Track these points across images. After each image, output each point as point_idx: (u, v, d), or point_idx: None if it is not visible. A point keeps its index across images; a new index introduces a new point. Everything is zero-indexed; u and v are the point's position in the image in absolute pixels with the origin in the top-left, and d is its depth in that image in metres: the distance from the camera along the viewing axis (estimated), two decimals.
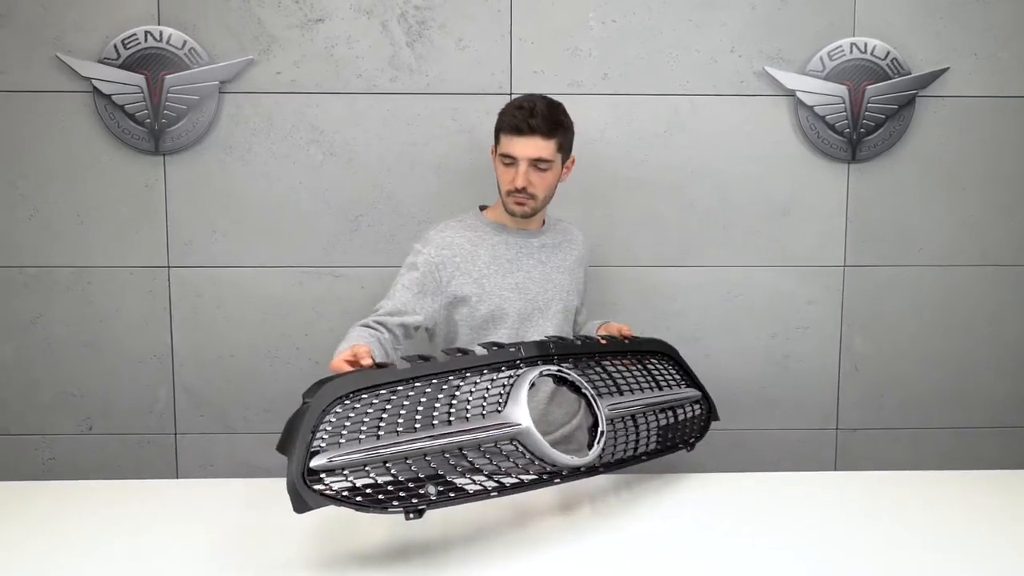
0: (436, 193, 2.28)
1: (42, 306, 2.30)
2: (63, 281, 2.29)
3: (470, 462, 1.31)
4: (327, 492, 1.21)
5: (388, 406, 1.30)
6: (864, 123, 2.26)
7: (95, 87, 2.20)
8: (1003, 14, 2.27)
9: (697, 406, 1.77)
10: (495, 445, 1.34)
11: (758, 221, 2.33)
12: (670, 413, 1.69)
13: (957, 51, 2.28)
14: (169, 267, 2.29)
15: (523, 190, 1.74)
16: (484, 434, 1.32)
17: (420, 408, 1.32)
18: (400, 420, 1.29)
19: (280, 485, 1.26)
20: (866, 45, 2.24)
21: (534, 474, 1.37)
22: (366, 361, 1.41)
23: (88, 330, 2.31)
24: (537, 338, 1.71)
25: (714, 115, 2.29)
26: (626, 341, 1.74)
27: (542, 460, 1.36)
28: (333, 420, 1.26)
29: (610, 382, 1.62)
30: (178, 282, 2.30)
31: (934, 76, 2.26)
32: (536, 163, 1.74)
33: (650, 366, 1.73)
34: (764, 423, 2.40)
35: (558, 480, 1.39)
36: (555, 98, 2.24)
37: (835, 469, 2.41)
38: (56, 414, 2.34)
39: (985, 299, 2.37)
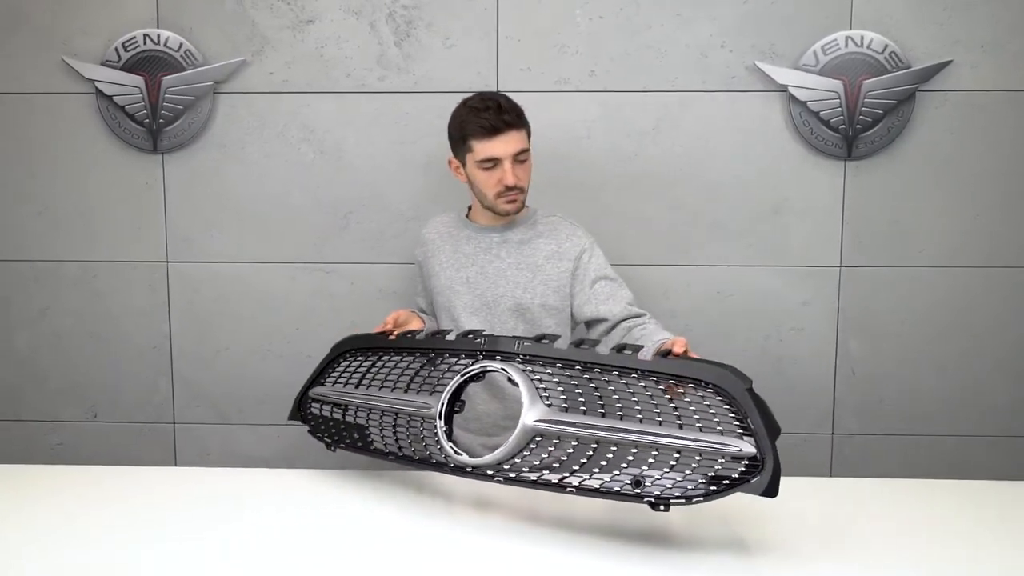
0: (424, 191, 2.30)
1: (51, 299, 2.40)
2: (70, 275, 2.39)
3: (392, 425, 1.60)
4: (304, 414, 1.78)
5: (371, 364, 1.71)
6: (860, 119, 2.19)
7: (98, 88, 2.29)
8: (1013, 3, 2.16)
9: (734, 464, 1.27)
10: (420, 420, 1.55)
11: (750, 219, 2.28)
12: (656, 456, 1.30)
13: (962, 43, 2.18)
14: (168, 262, 2.37)
15: (515, 187, 1.75)
16: (405, 407, 1.58)
17: (392, 373, 1.66)
18: (374, 377, 1.68)
19: (272, 475, 1.73)
20: (862, 38, 2.16)
21: (432, 456, 1.50)
22: (389, 327, 1.74)
23: (94, 322, 2.41)
24: (491, 333, 1.73)
25: (704, 111, 2.24)
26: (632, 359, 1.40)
27: (442, 447, 1.47)
28: (336, 365, 1.76)
29: (583, 399, 1.38)
30: (176, 277, 2.38)
31: (936, 69, 2.17)
32: (518, 156, 1.74)
33: (673, 397, 1.35)
34: None
35: (447, 470, 1.47)
36: (538, 95, 2.26)
37: (830, 475, 2.34)
38: (64, 402, 2.45)
39: (991, 302, 2.27)
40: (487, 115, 1.71)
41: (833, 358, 2.32)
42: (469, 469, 1.41)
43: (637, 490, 1.29)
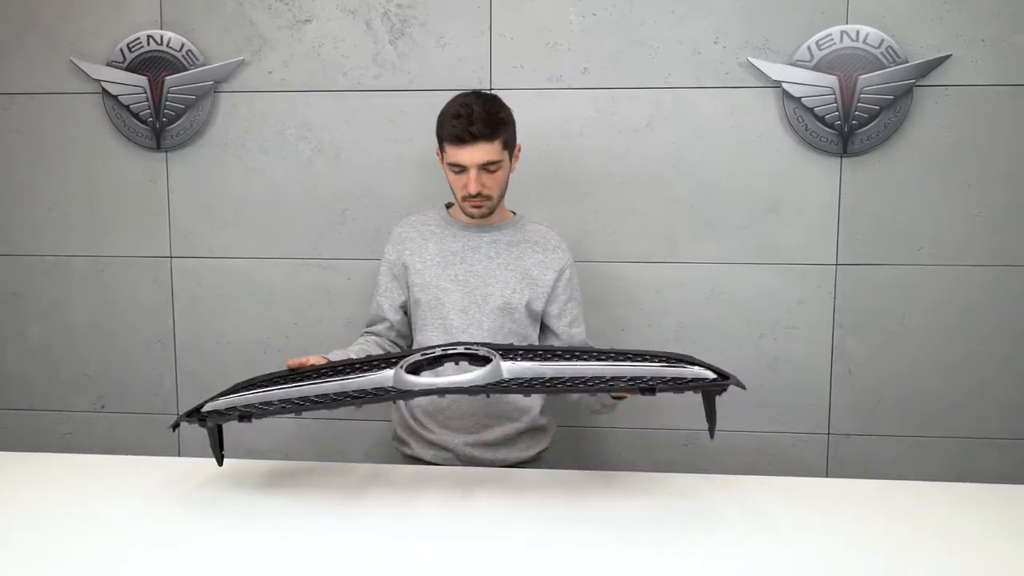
0: (418, 187, 2.33)
1: (61, 292, 2.48)
2: (79, 269, 2.47)
3: (333, 400, 1.41)
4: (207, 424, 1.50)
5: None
6: (856, 115, 2.16)
7: (104, 88, 2.35)
8: None
9: (702, 381, 1.40)
10: (369, 393, 1.41)
11: (744, 217, 2.26)
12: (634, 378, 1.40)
13: (962, 37, 2.14)
14: (172, 257, 2.43)
15: (478, 194, 1.77)
16: (355, 380, 1.42)
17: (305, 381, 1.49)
18: (283, 387, 1.48)
19: (270, 466, 1.61)
20: (858, 33, 2.13)
21: (392, 389, 1.40)
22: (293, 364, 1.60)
23: (102, 316, 2.48)
24: (472, 331, 1.78)
25: (697, 108, 2.23)
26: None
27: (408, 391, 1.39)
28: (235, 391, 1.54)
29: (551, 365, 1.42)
30: (180, 272, 2.44)
31: (934, 64, 2.13)
32: (485, 166, 1.75)
33: (641, 355, 1.47)
34: (752, 426, 2.33)
35: (414, 395, 1.39)
36: (531, 93, 2.27)
37: (826, 476, 2.32)
38: (73, 393, 2.52)
39: (993, 301, 2.22)
40: (457, 123, 1.72)
41: (829, 357, 2.29)
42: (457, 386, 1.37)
43: (624, 384, 1.37)
